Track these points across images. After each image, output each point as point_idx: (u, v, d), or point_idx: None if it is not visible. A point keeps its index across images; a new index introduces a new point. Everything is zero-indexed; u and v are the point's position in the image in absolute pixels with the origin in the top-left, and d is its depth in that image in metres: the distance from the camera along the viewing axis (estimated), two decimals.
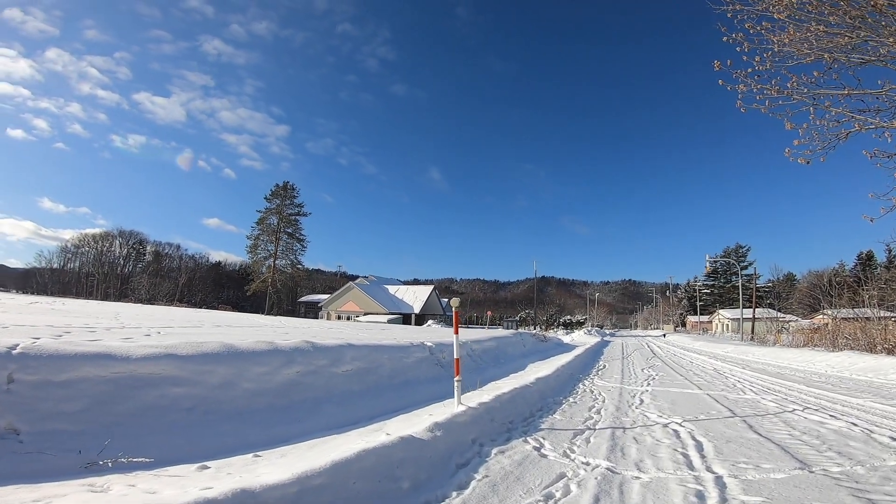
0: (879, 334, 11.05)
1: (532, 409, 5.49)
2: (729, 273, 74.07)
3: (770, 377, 8.77)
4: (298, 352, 4.88)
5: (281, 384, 4.36)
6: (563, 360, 11.07)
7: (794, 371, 9.91)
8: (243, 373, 4.10)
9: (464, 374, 9.12)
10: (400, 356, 6.97)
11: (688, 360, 14.03)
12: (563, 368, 9.41)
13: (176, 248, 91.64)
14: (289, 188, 54.60)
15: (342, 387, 5.10)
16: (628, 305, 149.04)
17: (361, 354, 5.85)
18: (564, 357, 12.63)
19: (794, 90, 8.60)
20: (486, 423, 4.40)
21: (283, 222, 52.97)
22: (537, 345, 17.79)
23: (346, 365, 5.39)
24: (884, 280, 30.12)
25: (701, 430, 4.34)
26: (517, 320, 66.76)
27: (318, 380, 4.83)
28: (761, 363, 12.50)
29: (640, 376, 9.31)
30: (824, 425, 4.52)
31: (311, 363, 4.88)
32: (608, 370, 10.77)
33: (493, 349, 12.04)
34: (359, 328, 17.73)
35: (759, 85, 8.85)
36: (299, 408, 4.29)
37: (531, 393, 6.20)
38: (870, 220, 9.29)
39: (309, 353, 5.01)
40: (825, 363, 10.49)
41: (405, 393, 5.84)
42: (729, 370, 10.46)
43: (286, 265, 53.35)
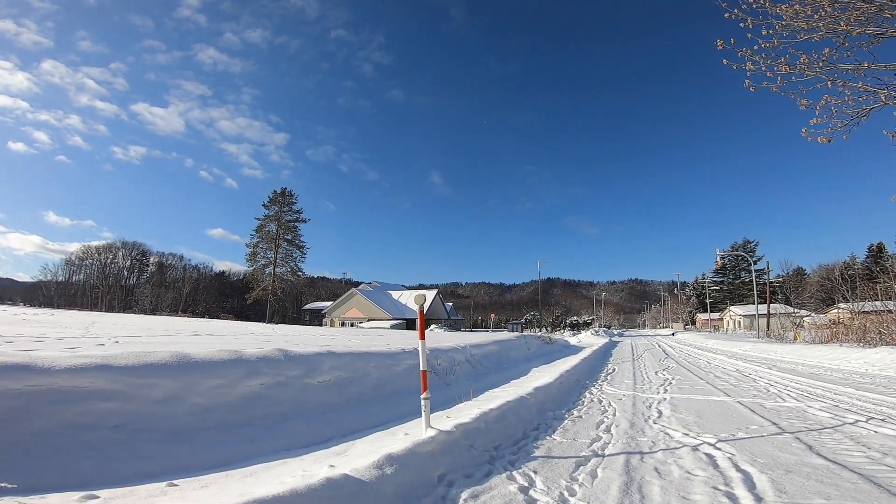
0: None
1: (526, 428, 4.48)
2: (738, 269, 72.56)
3: (805, 379, 7.66)
4: (265, 361, 4.41)
5: (240, 398, 3.94)
6: (569, 364, 10.12)
7: (830, 371, 8.80)
8: (193, 386, 3.70)
9: (460, 382, 8.20)
10: (389, 364, 6.38)
11: (705, 361, 12.90)
12: (567, 374, 8.40)
13: (179, 259, 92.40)
14: (287, 195, 53.96)
15: (316, 399, 4.61)
16: (636, 305, 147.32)
17: (343, 363, 5.38)
18: (570, 360, 11.71)
19: (805, 66, 7.82)
20: (463, 452, 3.41)
21: (282, 229, 52.26)
22: (542, 347, 16.96)
23: (323, 375, 4.92)
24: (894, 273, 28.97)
25: (745, 454, 3.30)
26: (522, 323, 65.58)
27: (287, 392, 4.37)
28: (788, 362, 11.36)
29: (654, 381, 8.23)
30: None
31: (280, 374, 4.42)
32: (618, 374, 9.70)
33: (495, 354, 11.31)
34: (352, 334, 16.94)
35: (769, 61, 8.07)
36: (259, 425, 3.84)
37: (527, 406, 5.18)
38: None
39: (278, 362, 4.52)
40: (862, 361, 9.37)
41: (392, 404, 5.34)
42: (754, 371, 9.35)
43: (286, 272, 52.57)
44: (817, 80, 7.86)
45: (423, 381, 3.56)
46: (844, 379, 7.45)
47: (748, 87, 8.66)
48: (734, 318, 57.31)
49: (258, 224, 52.72)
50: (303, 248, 53.56)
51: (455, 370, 8.51)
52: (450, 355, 8.68)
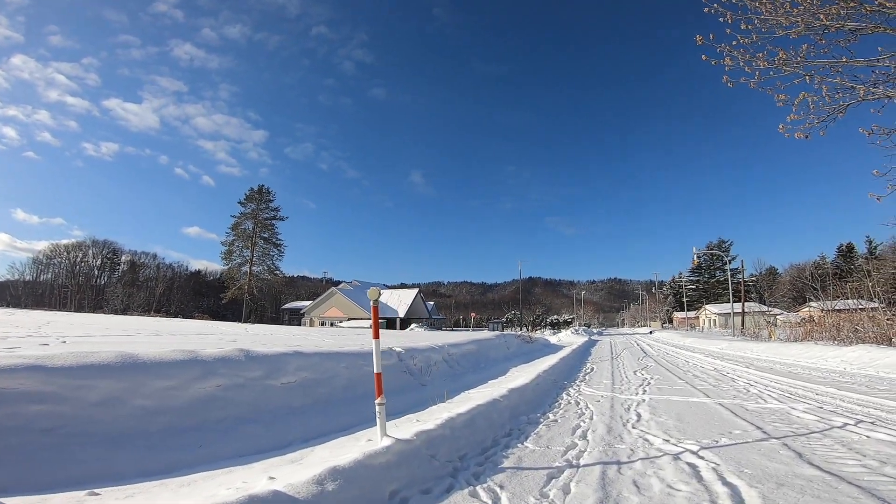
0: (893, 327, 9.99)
1: (497, 435, 4.14)
2: (713, 268, 74.12)
3: (784, 378, 7.53)
4: (223, 362, 4.14)
5: (192, 400, 3.71)
6: (548, 364, 9.89)
7: (808, 370, 8.72)
8: (138, 388, 3.48)
9: (436, 382, 7.84)
10: (361, 364, 5.97)
11: (682, 360, 12.83)
12: (545, 374, 8.13)
13: (153, 258, 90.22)
14: (264, 192, 52.70)
15: (279, 402, 4.35)
16: (615, 304, 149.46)
17: (311, 363, 5.09)
18: (549, 359, 11.50)
19: (783, 62, 7.78)
20: (423, 463, 3.06)
21: (259, 227, 51.00)
22: (522, 346, 16.78)
23: (287, 376, 4.64)
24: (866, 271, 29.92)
25: (730, 463, 3.02)
26: (503, 322, 65.61)
27: (246, 394, 4.10)
28: (765, 360, 11.34)
29: (632, 381, 8.02)
30: None
31: (238, 375, 4.15)
32: (596, 374, 9.48)
33: (473, 353, 11.06)
34: (328, 334, 16.48)
35: (748, 56, 8.02)
36: (212, 429, 3.60)
37: (499, 410, 4.85)
38: (877, 198, 8.44)
39: (238, 363, 4.25)
40: (839, 359, 9.34)
41: (363, 406, 4.99)
42: (732, 370, 9.23)
43: (263, 271, 51.33)
44: (795, 75, 7.79)
45: (377, 385, 3.19)
46: (824, 378, 7.35)
47: (726, 83, 8.57)
48: (710, 317, 58.42)
49: (234, 222, 51.33)
50: (280, 247, 52.40)
51: (431, 370, 8.20)
52: (426, 355, 8.38)
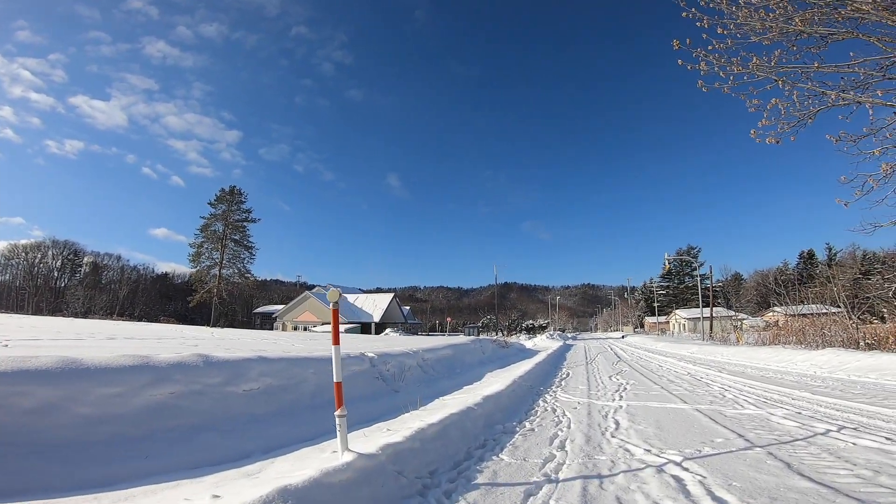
0: (859, 330, 10.26)
1: (471, 446, 3.88)
2: (682, 274, 76.09)
3: (758, 382, 7.55)
4: (179, 368, 3.93)
5: (141, 409, 3.50)
6: (523, 369, 9.75)
7: (779, 373, 8.80)
8: (80, 395, 3.27)
9: (409, 388, 7.54)
10: (331, 370, 5.65)
11: (656, 364, 12.89)
12: (521, 379, 7.95)
13: (117, 259, 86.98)
14: (235, 193, 51.12)
15: (239, 410, 4.14)
16: (588, 309, 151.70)
17: (276, 369, 4.89)
18: (525, 364, 11.36)
19: (757, 67, 7.94)
20: (388, 481, 2.79)
21: (230, 229, 49.38)
22: (498, 351, 16.69)
23: (250, 383, 4.45)
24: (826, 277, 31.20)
25: (717, 475, 2.84)
26: (479, 326, 65.62)
27: (204, 402, 3.90)
28: (736, 364, 11.46)
29: (609, 386, 7.90)
30: (893, 456, 3.13)
31: (195, 381, 3.95)
32: (572, 379, 9.36)
33: (449, 358, 10.87)
34: (299, 338, 16.02)
35: (722, 60, 8.15)
36: (161, 439, 3.40)
37: (474, 419, 4.60)
38: (844, 204, 8.62)
39: (195, 369, 4.04)
40: (809, 363, 9.48)
41: (332, 414, 4.63)
42: (706, 374, 9.25)
43: (234, 274, 49.69)
44: (767, 80, 7.91)
45: (336, 395, 2.89)
46: (797, 382, 7.39)
47: (701, 88, 8.66)
48: (679, 321, 59.71)
49: (203, 223, 49.55)
50: (251, 249, 50.81)
51: (405, 376, 7.94)
52: (400, 360, 8.13)
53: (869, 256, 50.30)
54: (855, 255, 55.05)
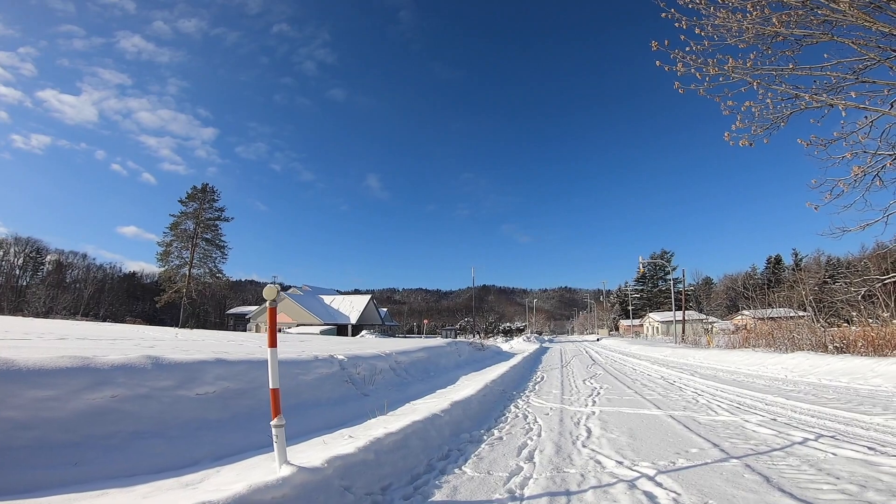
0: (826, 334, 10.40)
1: (432, 458, 3.58)
2: (656, 278, 77.65)
3: (730, 386, 7.48)
4: (123, 370, 3.68)
5: (77, 413, 3.27)
6: (497, 373, 9.54)
7: (751, 377, 8.77)
8: (7, 398, 3.07)
9: (380, 392, 7.19)
10: (296, 373, 5.63)
11: (630, 367, 12.85)
12: (493, 384, 7.71)
13: (82, 258, 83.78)
14: (208, 191, 49.71)
15: (190, 415, 3.90)
16: (565, 312, 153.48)
17: (234, 372, 4.62)
18: (500, 368, 11.18)
19: (732, 69, 7.97)
20: (333, 498, 2.52)
21: (201, 227, 47.92)
22: (474, 354, 16.47)
23: (204, 386, 4.21)
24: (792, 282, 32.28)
25: (692, 492, 2.61)
26: (457, 329, 65.42)
27: (151, 407, 3.66)
28: (708, 368, 11.49)
29: (582, 391, 7.72)
30: (878, 468, 2.96)
31: (142, 385, 3.72)
32: (546, 383, 9.17)
33: (423, 361, 10.62)
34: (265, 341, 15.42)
35: (699, 61, 8.16)
36: (96, 445, 3.15)
37: (439, 427, 4.31)
38: (815, 207, 8.71)
39: (143, 371, 3.81)
40: (780, 366, 9.52)
41: (294, 420, 4.45)
42: (678, 378, 9.18)
43: (204, 274, 48.21)
44: (743, 82, 7.92)
45: (272, 403, 2.56)
46: (768, 386, 7.34)
47: (677, 89, 8.64)
48: (653, 324, 60.76)
49: (173, 221, 47.96)
50: (224, 249, 49.48)
51: (375, 379, 7.62)
52: (371, 363, 7.84)
53: (833, 262, 52.29)
54: (819, 260, 57.19)
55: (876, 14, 6.25)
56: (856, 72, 7.05)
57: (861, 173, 7.15)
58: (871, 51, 6.62)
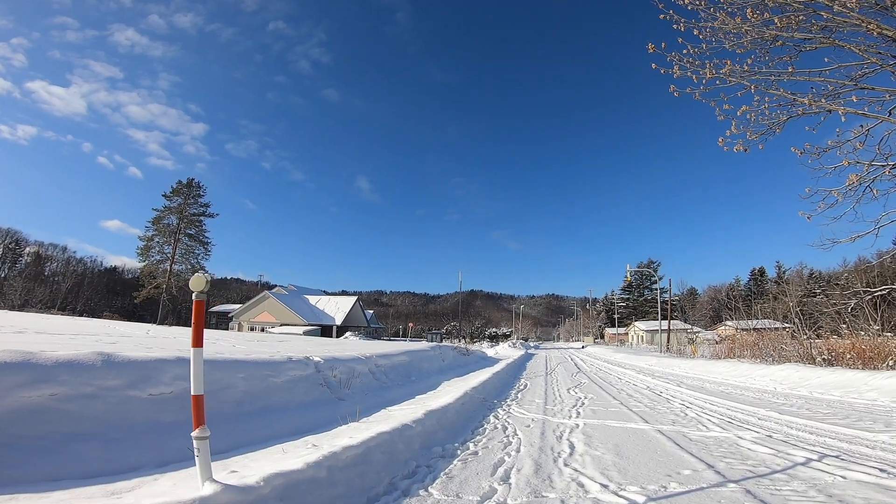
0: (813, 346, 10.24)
1: (396, 475, 3.20)
2: (642, 287, 78.08)
3: (718, 399, 7.19)
4: (68, 367, 3.42)
5: (8, 411, 3.04)
6: (480, 379, 9.22)
7: (739, 389, 8.51)
8: None
9: (356, 397, 6.78)
10: (266, 374, 5.35)
11: (615, 376, 12.57)
12: (474, 391, 7.34)
13: (62, 251, 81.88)
14: (194, 185, 48.61)
15: (141, 417, 3.66)
16: (552, 319, 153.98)
17: None
18: (483, 374, 10.76)
19: (729, 73, 7.78)
20: None
21: (185, 222, 46.81)
22: (458, 359, 16.15)
23: (160, 387, 3.97)
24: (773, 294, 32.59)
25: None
26: (443, 333, 64.97)
27: (94, 407, 3.41)
28: (694, 378, 11.25)
29: (566, 400, 7.39)
30: (891, 492, 2.66)
31: (88, 383, 3.46)
32: (529, 391, 8.82)
33: (404, 365, 10.32)
34: (245, 340, 14.92)
35: (696, 63, 7.95)
36: (27, 447, 2.93)
37: (408, 439, 3.92)
38: (808, 217, 8.57)
39: (91, 368, 3.54)
40: (768, 378, 9.28)
41: (259, 424, 4.43)
42: (665, 389, 8.89)
43: (186, 270, 47.07)
44: (739, 87, 7.71)
45: (194, 413, 2.17)
46: (759, 399, 7.07)
47: (673, 92, 8.42)
48: (638, 333, 60.97)
49: (156, 215, 46.81)
50: (207, 245, 48.36)
51: (352, 383, 7.26)
52: (350, 366, 7.52)
53: (815, 275, 52.99)
54: (802, 273, 57.95)
55: (880, 17, 6.05)
56: (855, 78, 6.88)
57: (857, 182, 6.96)
58: (872, 56, 6.43)
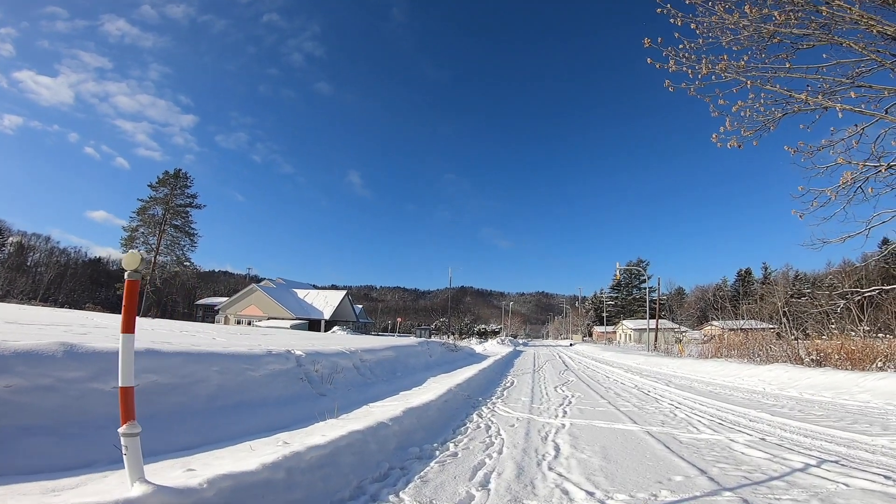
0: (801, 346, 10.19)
1: (364, 478, 2.96)
2: (631, 286, 78.63)
3: (707, 399, 7.06)
4: (26, 357, 3.25)
5: None
6: (466, 375, 9.05)
7: (728, 389, 8.39)
8: None
9: (338, 392, 6.52)
10: (243, 368, 5.17)
11: (603, 374, 12.46)
12: (458, 388, 7.14)
13: (45, 241, 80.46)
14: (181, 176, 47.85)
15: (101, 410, 3.42)
16: (541, 316, 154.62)
17: (168, 365, 4.23)
18: (469, 370, 10.58)
19: (725, 67, 7.65)
20: None
21: (171, 213, 46.03)
22: (446, 355, 15.95)
23: None
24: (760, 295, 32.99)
25: None
26: (432, 328, 64.78)
27: (51, 399, 3.25)
28: (682, 377, 11.16)
29: (553, 399, 7.20)
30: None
31: (46, 375, 3.31)
32: (516, 389, 8.63)
33: (390, 360, 10.09)
34: (229, 332, 14.54)
35: (692, 58, 7.80)
36: None
37: (382, 438, 3.69)
38: (800, 216, 8.51)
39: (50, 360, 3.37)
40: (757, 378, 9.20)
41: (232, 419, 4.25)
42: (653, 388, 8.77)
43: (171, 262, 46.33)
44: (735, 82, 7.57)
45: (122, 406, 1.90)
46: (748, 400, 6.95)
47: (668, 87, 8.27)
48: (626, 332, 61.29)
49: (141, 206, 45.99)
50: (193, 237, 47.81)
51: (335, 378, 7.03)
52: (333, 360, 7.32)
53: (801, 276, 53.74)
54: (788, 274, 58.74)
55: (881, 13, 5.91)
56: (852, 76, 6.76)
57: (850, 180, 6.85)
58: (871, 53, 6.30)
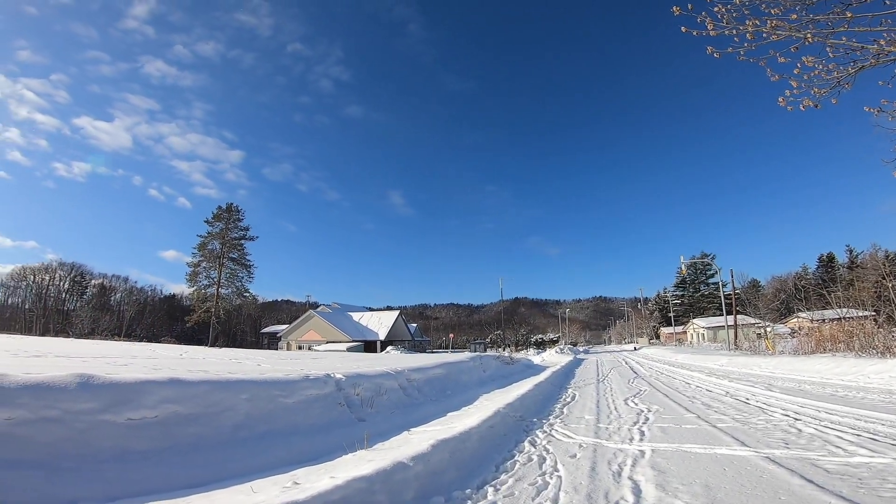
0: None
1: None
2: (697, 282, 73.47)
3: (835, 405, 5.43)
4: (33, 389, 3.07)
5: None
6: (520, 391, 8.03)
7: (855, 391, 6.59)
8: None
9: (381, 416, 5.68)
10: (275, 395, 4.85)
11: (681, 380, 10.77)
12: (508, 408, 6.14)
13: (124, 281, 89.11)
14: (233, 210, 50.04)
15: (109, 443, 3.23)
16: (601, 321, 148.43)
17: (190, 394, 4.00)
18: (525, 384, 9.62)
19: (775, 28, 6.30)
20: None
21: (227, 247, 48.14)
22: (501, 368, 14.95)
23: (141, 410, 3.60)
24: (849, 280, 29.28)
25: None
26: (486, 342, 63.37)
27: (55, 432, 3.01)
28: (784, 379, 9.28)
29: (624, 415, 5.91)
30: None
31: (53, 406, 3.08)
32: (578, 405, 7.37)
33: (440, 378, 9.52)
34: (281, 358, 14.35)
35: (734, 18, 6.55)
36: None
37: (396, 486, 2.76)
38: None
39: (60, 391, 3.20)
40: (888, 375, 7.32)
41: (254, 451, 3.89)
42: (750, 394, 7.16)
43: (232, 293, 48.32)
44: (791, 40, 6.23)
45: None
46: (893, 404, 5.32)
47: (711, 54, 7.07)
48: (698, 331, 57.40)
49: (200, 241, 48.48)
50: (250, 268, 49.52)
51: (377, 401, 6.40)
52: (376, 382, 6.70)
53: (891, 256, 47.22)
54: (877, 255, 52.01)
55: None
56: None
57: None
58: None
